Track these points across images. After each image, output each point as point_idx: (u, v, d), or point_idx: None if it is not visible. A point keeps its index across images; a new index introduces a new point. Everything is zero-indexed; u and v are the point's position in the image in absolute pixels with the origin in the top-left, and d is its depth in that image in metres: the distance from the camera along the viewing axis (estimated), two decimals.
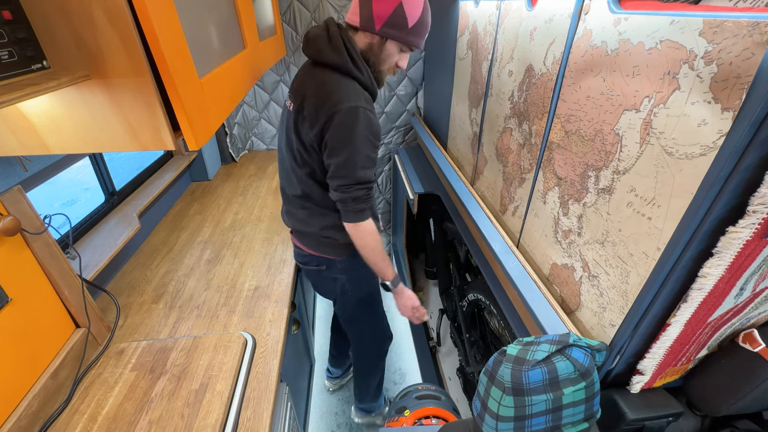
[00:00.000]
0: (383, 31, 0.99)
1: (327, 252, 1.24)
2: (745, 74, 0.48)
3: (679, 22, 0.56)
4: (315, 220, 1.19)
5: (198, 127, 0.72)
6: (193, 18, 0.79)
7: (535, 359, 0.53)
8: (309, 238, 1.24)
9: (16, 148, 0.70)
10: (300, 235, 1.27)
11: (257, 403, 0.90)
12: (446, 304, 2.03)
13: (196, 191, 1.92)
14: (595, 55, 0.75)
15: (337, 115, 0.95)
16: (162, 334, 1.09)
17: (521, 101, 1.07)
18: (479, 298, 1.50)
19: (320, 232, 1.20)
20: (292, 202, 1.22)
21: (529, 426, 0.52)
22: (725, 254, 0.56)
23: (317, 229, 1.20)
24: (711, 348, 0.77)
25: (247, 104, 2.21)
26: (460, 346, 1.77)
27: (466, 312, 1.68)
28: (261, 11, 1.45)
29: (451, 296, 1.74)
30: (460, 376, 1.81)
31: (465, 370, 1.71)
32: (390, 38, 1.01)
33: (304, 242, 1.27)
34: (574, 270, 0.87)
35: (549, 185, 0.95)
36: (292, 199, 1.21)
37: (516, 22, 1.08)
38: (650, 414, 0.75)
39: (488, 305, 1.41)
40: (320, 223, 1.18)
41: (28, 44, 0.56)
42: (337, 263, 1.27)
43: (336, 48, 1.00)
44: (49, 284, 0.89)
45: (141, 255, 1.43)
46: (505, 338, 1.41)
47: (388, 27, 0.98)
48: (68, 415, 0.85)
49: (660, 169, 0.61)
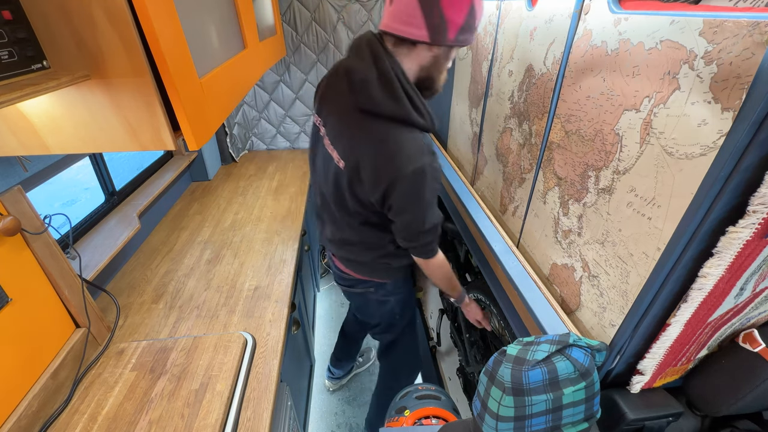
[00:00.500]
0: (457, 40, 0.80)
1: (380, 276, 1.19)
2: (745, 74, 0.48)
3: (679, 22, 0.56)
4: (369, 253, 1.13)
5: (198, 127, 0.72)
6: (193, 18, 0.79)
7: (535, 359, 0.53)
8: (360, 266, 1.18)
9: (16, 148, 0.70)
10: (348, 263, 1.19)
11: (257, 403, 0.90)
12: (446, 304, 2.03)
13: (196, 191, 1.92)
14: (595, 55, 0.75)
15: (402, 180, 0.84)
16: (162, 334, 1.09)
17: (521, 101, 1.07)
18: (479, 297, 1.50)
19: (375, 262, 1.14)
20: (340, 241, 1.14)
21: (529, 426, 0.52)
22: (725, 254, 0.56)
23: (371, 259, 1.13)
24: (711, 348, 0.77)
25: (247, 104, 2.21)
26: (460, 346, 1.77)
27: None
28: (261, 11, 1.45)
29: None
30: (460, 376, 1.81)
31: (465, 370, 1.71)
32: (460, 45, 0.83)
33: (354, 269, 1.20)
34: (574, 270, 0.87)
35: (549, 185, 0.95)
36: (339, 241, 1.13)
37: (516, 22, 1.07)
38: (650, 414, 0.75)
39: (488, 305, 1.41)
40: (375, 255, 1.12)
41: (28, 44, 0.56)
42: (387, 285, 1.22)
43: (394, 95, 0.82)
44: (49, 284, 0.89)
45: (141, 255, 1.43)
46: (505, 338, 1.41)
47: (462, 33, 0.80)
48: (68, 415, 0.85)
49: (660, 169, 0.61)
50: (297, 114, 2.27)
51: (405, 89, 0.82)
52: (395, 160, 0.83)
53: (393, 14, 0.79)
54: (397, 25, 0.79)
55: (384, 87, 0.81)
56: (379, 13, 1.99)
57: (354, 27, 1.99)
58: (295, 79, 2.13)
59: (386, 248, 1.11)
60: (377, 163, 0.84)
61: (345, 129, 0.90)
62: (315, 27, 1.98)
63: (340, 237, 1.13)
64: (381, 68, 0.80)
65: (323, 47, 2.04)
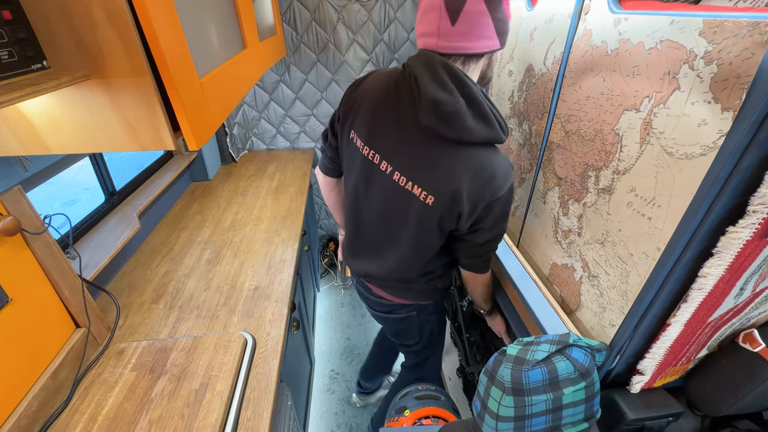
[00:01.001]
0: (502, 41, 0.80)
1: (425, 298, 1.14)
2: (745, 74, 0.48)
3: (679, 22, 0.56)
4: (419, 276, 1.06)
5: (198, 127, 0.72)
6: (193, 18, 0.79)
7: (535, 359, 0.53)
8: (404, 290, 1.11)
9: (16, 148, 0.70)
10: (387, 287, 1.13)
11: (257, 403, 0.90)
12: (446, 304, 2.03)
13: (196, 191, 1.92)
14: (595, 55, 0.75)
15: (499, 202, 0.82)
16: (162, 334, 1.09)
17: (521, 101, 1.07)
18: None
19: (425, 285, 1.08)
20: (396, 276, 1.07)
21: (529, 426, 0.52)
22: (725, 254, 0.56)
23: (422, 283, 1.08)
24: (711, 348, 0.77)
25: (247, 104, 2.21)
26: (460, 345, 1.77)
27: (466, 312, 1.68)
28: (261, 11, 1.45)
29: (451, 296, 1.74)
30: (460, 376, 1.80)
31: (465, 370, 1.70)
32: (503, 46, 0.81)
33: (394, 293, 1.13)
34: (574, 270, 0.87)
35: (549, 185, 0.95)
36: (396, 276, 1.07)
37: (516, 22, 1.08)
38: (650, 414, 0.75)
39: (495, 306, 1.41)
40: (427, 278, 1.07)
41: (28, 44, 0.56)
42: (429, 306, 1.18)
43: (486, 120, 0.78)
44: (49, 284, 0.89)
45: (141, 255, 1.43)
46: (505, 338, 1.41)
47: (505, 35, 0.79)
48: (68, 415, 0.85)
49: (660, 169, 0.61)
50: (297, 114, 2.27)
51: (492, 111, 0.79)
52: (493, 183, 0.80)
53: (462, 34, 0.75)
54: (470, 43, 0.76)
55: (475, 115, 0.77)
56: (379, 13, 1.99)
57: (354, 27, 1.99)
58: (295, 79, 2.13)
59: (438, 270, 1.06)
60: (476, 190, 0.80)
61: (433, 163, 0.83)
62: (315, 27, 1.98)
63: (398, 275, 1.05)
64: (468, 95, 0.76)
65: (323, 47, 2.04)
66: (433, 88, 0.76)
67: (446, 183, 0.81)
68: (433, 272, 1.07)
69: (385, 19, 2.02)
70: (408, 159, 0.85)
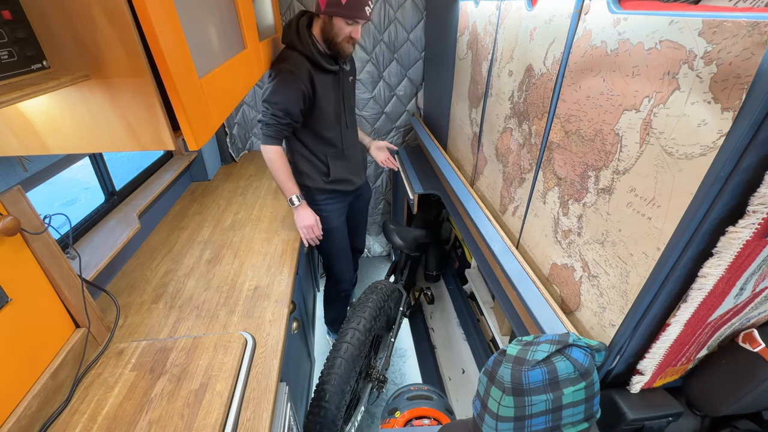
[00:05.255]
0: (327, 11, 1.27)
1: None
2: (745, 74, 0.48)
3: (678, 22, 0.56)
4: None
5: (198, 127, 0.72)
6: (193, 18, 0.79)
7: (535, 359, 0.53)
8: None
9: (16, 148, 0.70)
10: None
11: (257, 403, 0.90)
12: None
13: (196, 191, 1.92)
14: (595, 55, 0.75)
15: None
16: (162, 334, 1.09)
17: (521, 101, 1.07)
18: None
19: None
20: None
21: (528, 426, 0.52)
22: (725, 254, 0.56)
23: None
24: (711, 348, 0.77)
25: (247, 104, 2.21)
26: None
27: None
28: (261, 11, 1.45)
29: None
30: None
31: None
32: (334, 15, 1.27)
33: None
34: (574, 270, 0.87)
35: (549, 185, 0.95)
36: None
37: (516, 22, 1.08)
38: (650, 414, 0.75)
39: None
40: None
41: (28, 44, 0.56)
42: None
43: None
44: (49, 284, 0.89)
45: (141, 255, 1.43)
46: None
47: (329, 6, 1.25)
48: (68, 415, 0.85)
49: (660, 169, 0.61)
50: None
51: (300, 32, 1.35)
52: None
53: None
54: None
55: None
56: (379, 14, 2.00)
57: None
58: None
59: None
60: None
61: None
62: None
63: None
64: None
65: None
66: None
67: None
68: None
69: (385, 19, 2.02)
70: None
